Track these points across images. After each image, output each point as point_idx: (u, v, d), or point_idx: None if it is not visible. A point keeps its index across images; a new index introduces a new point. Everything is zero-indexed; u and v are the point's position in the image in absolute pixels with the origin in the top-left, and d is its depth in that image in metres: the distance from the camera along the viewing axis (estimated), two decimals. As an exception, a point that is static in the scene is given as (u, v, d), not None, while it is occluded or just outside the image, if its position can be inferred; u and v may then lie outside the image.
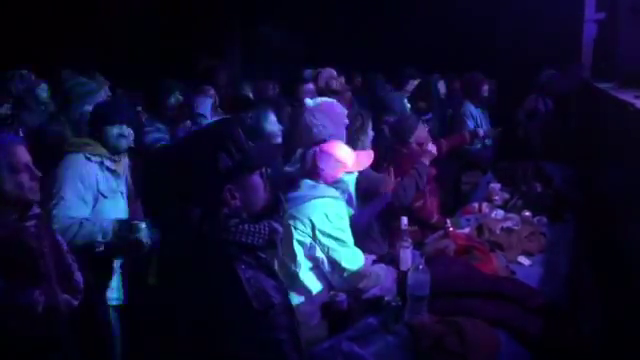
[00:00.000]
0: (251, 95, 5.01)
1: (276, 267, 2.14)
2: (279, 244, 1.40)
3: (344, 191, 2.56)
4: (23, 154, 1.85)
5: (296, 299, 2.22)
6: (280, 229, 1.38)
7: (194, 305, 1.26)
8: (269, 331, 1.26)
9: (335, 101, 3.08)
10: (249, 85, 5.40)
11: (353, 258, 2.33)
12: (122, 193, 2.73)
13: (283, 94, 4.94)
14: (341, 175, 2.46)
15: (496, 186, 3.75)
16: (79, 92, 3.42)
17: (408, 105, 4.31)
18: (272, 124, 3.19)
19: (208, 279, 1.26)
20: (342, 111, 2.93)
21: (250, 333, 1.24)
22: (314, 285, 2.32)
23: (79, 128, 3.10)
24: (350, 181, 2.63)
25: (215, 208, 1.30)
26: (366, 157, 2.64)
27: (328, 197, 2.35)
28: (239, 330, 1.23)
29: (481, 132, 4.57)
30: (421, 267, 2.05)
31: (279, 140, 3.22)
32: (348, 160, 2.49)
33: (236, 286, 1.25)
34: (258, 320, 1.25)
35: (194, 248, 1.29)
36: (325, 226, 2.27)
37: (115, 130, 2.64)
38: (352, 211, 2.64)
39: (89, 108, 2.89)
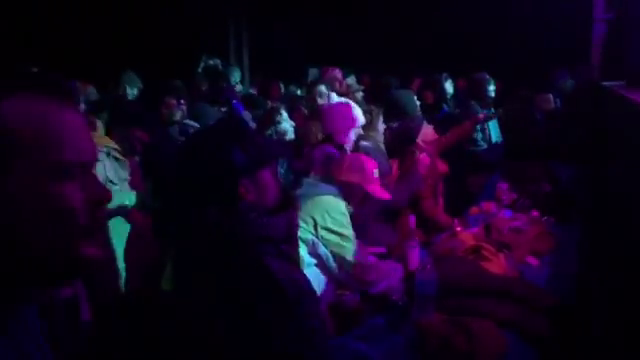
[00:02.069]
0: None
1: None
2: (298, 237, 1.40)
3: None
4: None
5: None
6: (297, 221, 1.40)
7: (226, 305, 1.24)
8: (305, 320, 1.26)
9: (351, 104, 3.11)
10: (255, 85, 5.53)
11: (357, 252, 2.34)
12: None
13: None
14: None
15: (504, 186, 3.74)
16: None
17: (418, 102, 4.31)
18: (284, 121, 3.25)
19: (237, 276, 1.25)
20: (353, 116, 2.94)
21: (287, 323, 1.23)
22: (319, 282, 2.32)
23: None
24: None
25: (231, 204, 1.30)
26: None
27: (329, 194, 2.36)
28: (276, 321, 1.22)
29: (481, 116, 4.37)
30: (428, 267, 2.05)
31: (292, 136, 3.27)
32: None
33: (268, 278, 1.24)
34: (293, 309, 1.24)
35: (215, 247, 1.28)
36: (327, 222, 2.29)
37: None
38: (352, 210, 2.65)
39: None
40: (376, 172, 2.51)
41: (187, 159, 1.34)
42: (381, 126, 3.29)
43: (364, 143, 2.97)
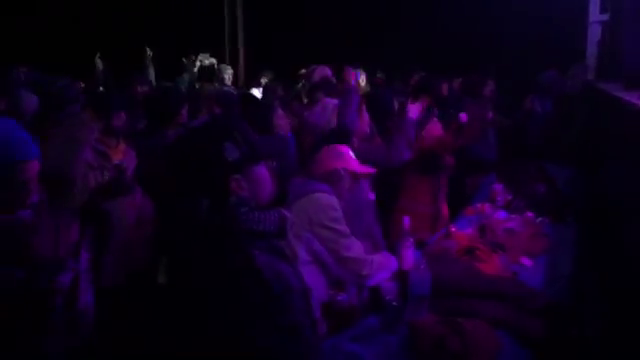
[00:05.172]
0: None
1: None
2: (288, 232, 1.41)
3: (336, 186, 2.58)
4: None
5: None
6: (288, 216, 1.40)
7: (212, 298, 1.26)
8: (289, 315, 1.26)
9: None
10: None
11: (352, 247, 2.35)
12: None
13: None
14: (334, 168, 2.49)
15: (498, 187, 3.73)
16: None
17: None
18: (280, 118, 3.27)
19: (225, 269, 1.26)
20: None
21: (270, 317, 1.24)
22: (314, 279, 2.32)
23: None
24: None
25: (223, 198, 1.31)
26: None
27: (321, 192, 2.37)
28: (260, 315, 1.23)
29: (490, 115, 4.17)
30: (422, 267, 2.05)
31: (288, 133, 3.29)
32: (350, 161, 2.52)
33: (255, 272, 1.24)
34: (278, 304, 1.24)
35: (206, 240, 1.29)
36: (321, 218, 2.30)
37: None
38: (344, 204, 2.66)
39: None
40: (352, 154, 2.57)
41: (180, 152, 1.35)
42: (365, 114, 3.36)
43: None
